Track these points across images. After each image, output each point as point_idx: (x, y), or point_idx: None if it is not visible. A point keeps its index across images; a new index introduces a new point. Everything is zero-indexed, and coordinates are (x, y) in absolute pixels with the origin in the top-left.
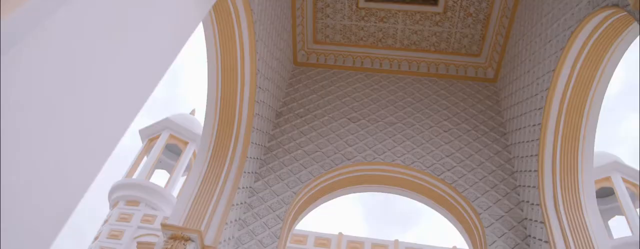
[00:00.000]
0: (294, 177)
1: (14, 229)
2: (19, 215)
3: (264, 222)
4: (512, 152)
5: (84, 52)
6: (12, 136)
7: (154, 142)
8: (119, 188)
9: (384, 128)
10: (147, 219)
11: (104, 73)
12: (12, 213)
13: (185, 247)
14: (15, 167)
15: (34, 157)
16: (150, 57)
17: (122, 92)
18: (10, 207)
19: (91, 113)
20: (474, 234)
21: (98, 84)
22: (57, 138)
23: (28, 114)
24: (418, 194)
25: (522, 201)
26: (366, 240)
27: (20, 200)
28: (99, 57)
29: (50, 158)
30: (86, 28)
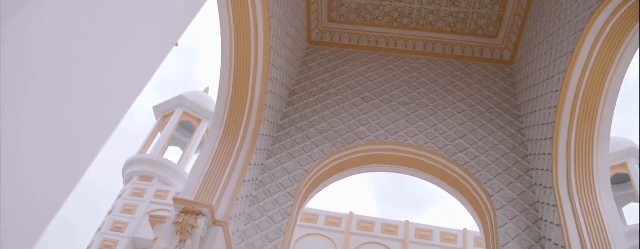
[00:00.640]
0: (306, 155)
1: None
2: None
3: (275, 199)
4: (527, 135)
5: (86, 27)
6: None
7: (167, 119)
8: (132, 164)
9: (397, 108)
10: (160, 194)
11: (107, 49)
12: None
13: (197, 221)
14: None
15: (37, 128)
16: (155, 32)
17: (125, 69)
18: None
19: (94, 88)
20: (485, 216)
21: (100, 60)
22: (61, 111)
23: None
24: (430, 175)
25: (534, 184)
26: (377, 220)
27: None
28: (101, 33)
29: (57, 129)
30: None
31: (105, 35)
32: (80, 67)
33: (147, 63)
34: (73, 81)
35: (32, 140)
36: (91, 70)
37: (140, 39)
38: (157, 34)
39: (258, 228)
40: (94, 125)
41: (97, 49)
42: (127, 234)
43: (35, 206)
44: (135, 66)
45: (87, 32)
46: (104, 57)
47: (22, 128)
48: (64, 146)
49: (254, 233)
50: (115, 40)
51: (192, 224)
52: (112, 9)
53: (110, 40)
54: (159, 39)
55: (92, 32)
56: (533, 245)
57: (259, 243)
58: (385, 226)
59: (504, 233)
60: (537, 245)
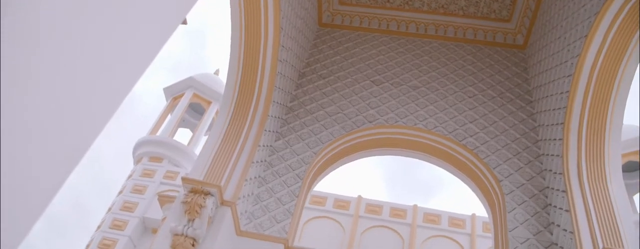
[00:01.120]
0: (315, 137)
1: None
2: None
3: (283, 180)
4: (538, 121)
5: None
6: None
7: (177, 100)
8: (142, 145)
9: (407, 92)
10: (170, 175)
11: (111, 24)
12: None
13: (205, 201)
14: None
15: (40, 104)
16: (162, 7)
17: (130, 45)
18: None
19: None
20: (493, 201)
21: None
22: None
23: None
24: (439, 159)
25: (544, 169)
26: (385, 204)
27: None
28: (106, 7)
29: (61, 103)
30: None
31: (110, 10)
32: (84, 43)
33: (152, 39)
34: (77, 55)
35: (36, 116)
36: (95, 46)
37: (146, 14)
38: (163, 9)
39: (266, 208)
40: (98, 101)
41: (101, 23)
42: (137, 214)
43: (38, 182)
44: (141, 42)
45: (91, 6)
46: (109, 31)
47: (25, 106)
48: (68, 121)
49: (261, 213)
50: (120, 14)
51: (201, 204)
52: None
53: (115, 15)
54: (166, 14)
55: (96, 5)
56: (541, 230)
57: (267, 223)
58: (393, 209)
59: (512, 217)
60: (545, 230)
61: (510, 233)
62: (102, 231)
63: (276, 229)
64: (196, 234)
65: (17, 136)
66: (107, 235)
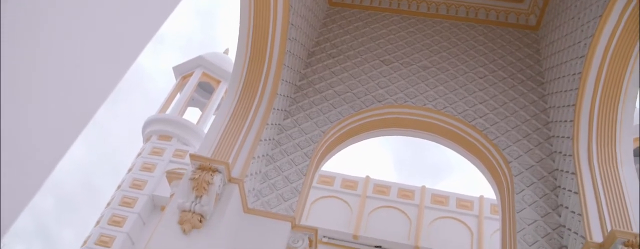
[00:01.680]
0: (323, 116)
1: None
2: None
3: (291, 159)
4: (549, 102)
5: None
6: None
7: (187, 79)
8: (152, 123)
9: (416, 72)
10: (179, 154)
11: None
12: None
13: (213, 178)
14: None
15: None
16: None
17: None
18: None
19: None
20: (501, 182)
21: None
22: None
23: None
24: (447, 140)
25: (554, 151)
26: (393, 185)
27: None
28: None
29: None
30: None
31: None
32: (85, 12)
33: (157, 8)
34: (79, 25)
35: (36, 88)
36: (97, 15)
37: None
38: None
39: (273, 187)
40: (101, 72)
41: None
42: (146, 191)
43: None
44: (145, 12)
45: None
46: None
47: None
48: (70, 92)
49: (269, 191)
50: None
51: (208, 181)
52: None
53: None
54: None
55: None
56: (549, 212)
57: (274, 201)
58: (401, 190)
59: (521, 199)
60: (553, 212)
61: (518, 215)
62: (111, 208)
63: (283, 208)
64: (204, 211)
65: (18, 106)
66: (116, 212)
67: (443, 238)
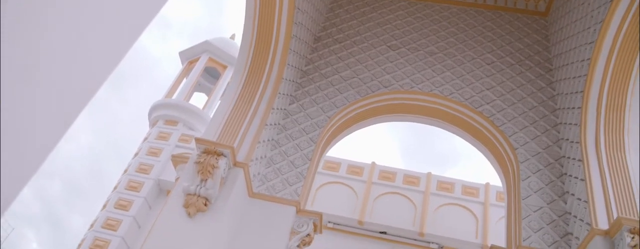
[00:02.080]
0: (329, 101)
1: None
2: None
3: (297, 144)
4: (557, 89)
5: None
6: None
7: (193, 64)
8: (158, 108)
9: (424, 57)
10: (185, 138)
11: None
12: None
13: (218, 162)
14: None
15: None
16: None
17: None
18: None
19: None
20: (507, 169)
21: None
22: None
23: None
24: (454, 126)
25: (561, 139)
26: (399, 171)
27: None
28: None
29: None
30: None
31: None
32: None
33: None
34: (78, 5)
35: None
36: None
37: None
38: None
39: (279, 171)
40: (101, 52)
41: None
42: (152, 176)
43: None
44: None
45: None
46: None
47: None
48: (69, 72)
49: (274, 176)
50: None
51: (213, 165)
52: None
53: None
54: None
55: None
56: (555, 199)
57: (279, 186)
58: (407, 177)
59: (526, 186)
60: (559, 199)
61: (523, 201)
62: (118, 192)
63: (288, 192)
64: (208, 194)
65: (17, 87)
66: (123, 196)
67: (448, 225)
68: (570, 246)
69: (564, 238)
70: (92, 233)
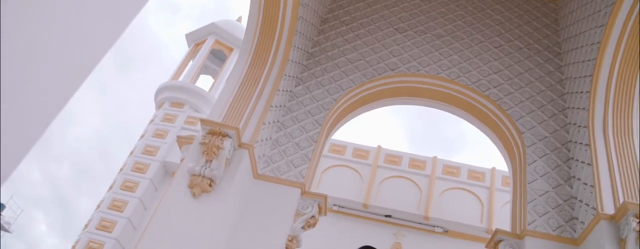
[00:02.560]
0: (335, 84)
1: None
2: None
3: (302, 126)
4: (565, 74)
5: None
6: None
7: (199, 47)
8: (164, 90)
9: (431, 40)
10: (191, 121)
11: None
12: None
13: (223, 143)
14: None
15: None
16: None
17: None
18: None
19: None
20: (514, 153)
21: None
22: None
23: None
24: (460, 110)
25: (569, 123)
26: (404, 155)
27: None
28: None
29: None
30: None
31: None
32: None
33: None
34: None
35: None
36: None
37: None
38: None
39: (284, 153)
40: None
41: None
42: (158, 157)
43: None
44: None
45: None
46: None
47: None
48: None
49: (279, 158)
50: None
51: (218, 145)
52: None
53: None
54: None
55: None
56: (561, 184)
57: (284, 168)
58: (412, 160)
59: (532, 170)
60: (565, 184)
61: (529, 185)
62: (124, 174)
63: (293, 174)
64: (213, 175)
65: (18, 58)
66: (129, 177)
67: (453, 209)
68: (575, 231)
69: (569, 222)
70: (98, 214)
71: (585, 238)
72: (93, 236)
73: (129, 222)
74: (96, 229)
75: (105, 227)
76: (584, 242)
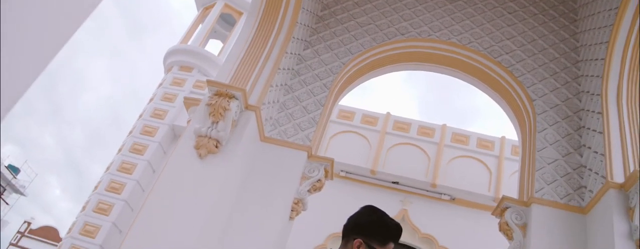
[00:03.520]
0: (344, 48)
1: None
2: None
3: (310, 89)
4: (580, 41)
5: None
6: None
7: (209, 10)
8: (173, 53)
9: (443, 5)
10: (199, 85)
11: None
12: None
13: (229, 104)
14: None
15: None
16: None
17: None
18: None
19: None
20: (524, 121)
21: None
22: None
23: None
24: (471, 77)
25: (582, 91)
26: (413, 122)
27: None
28: None
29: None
30: None
31: None
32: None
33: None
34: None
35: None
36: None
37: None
38: None
39: (291, 116)
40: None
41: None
42: (167, 121)
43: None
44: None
45: None
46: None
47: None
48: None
49: (286, 121)
50: None
51: (225, 107)
52: None
53: None
54: None
55: None
56: (571, 152)
57: (291, 131)
58: (421, 128)
59: (542, 138)
60: (575, 152)
61: (538, 153)
62: (133, 137)
63: (300, 137)
64: (220, 136)
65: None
66: (137, 140)
67: (461, 177)
68: (583, 199)
69: (577, 191)
70: (107, 176)
71: (592, 206)
72: (102, 197)
73: (137, 184)
74: (105, 190)
75: (114, 189)
76: (592, 210)
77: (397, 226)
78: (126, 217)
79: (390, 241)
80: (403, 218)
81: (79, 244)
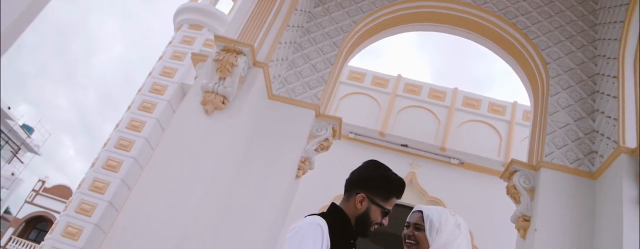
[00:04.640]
0: (356, 6)
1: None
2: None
3: (320, 48)
4: (599, 3)
5: None
6: None
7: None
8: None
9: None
10: (209, 43)
11: None
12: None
13: (237, 60)
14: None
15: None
16: None
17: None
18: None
19: None
20: (537, 84)
21: None
22: None
23: None
24: (484, 38)
25: (598, 55)
26: (424, 85)
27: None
28: None
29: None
30: None
31: None
32: None
33: None
34: None
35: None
36: None
37: None
38: None
39: (300, 74)
40: None
41: None
42: (176, 79)
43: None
44: None
45: None
46: None
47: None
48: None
49: (295, 79)
50: None
51: (232, 63)
52: None
53: None
54: None
55: None
56: (583, 117)
57: (299, 89)
58: (432, 91)
59: (554, 102)
60: (588, 117)
61: (549, 117)
62: (142, 95)
63: (308, 96)
64: (227, 92)
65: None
66: (146, 98)
67: (471, 141)
68: (594, 165)
69: (588, 155)
70: (116, 133)
71: (603, 171)
72: (111, 154)
73: (146, 141)
74: (115, 147)
75: (123, 146)
76: (602, 176)
77: (400, 182)
78: (135, 174)
79: (393, 196)
80: (411, 181)
81: (89, 199)
